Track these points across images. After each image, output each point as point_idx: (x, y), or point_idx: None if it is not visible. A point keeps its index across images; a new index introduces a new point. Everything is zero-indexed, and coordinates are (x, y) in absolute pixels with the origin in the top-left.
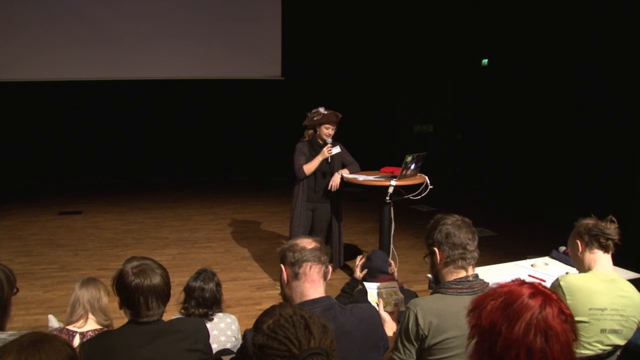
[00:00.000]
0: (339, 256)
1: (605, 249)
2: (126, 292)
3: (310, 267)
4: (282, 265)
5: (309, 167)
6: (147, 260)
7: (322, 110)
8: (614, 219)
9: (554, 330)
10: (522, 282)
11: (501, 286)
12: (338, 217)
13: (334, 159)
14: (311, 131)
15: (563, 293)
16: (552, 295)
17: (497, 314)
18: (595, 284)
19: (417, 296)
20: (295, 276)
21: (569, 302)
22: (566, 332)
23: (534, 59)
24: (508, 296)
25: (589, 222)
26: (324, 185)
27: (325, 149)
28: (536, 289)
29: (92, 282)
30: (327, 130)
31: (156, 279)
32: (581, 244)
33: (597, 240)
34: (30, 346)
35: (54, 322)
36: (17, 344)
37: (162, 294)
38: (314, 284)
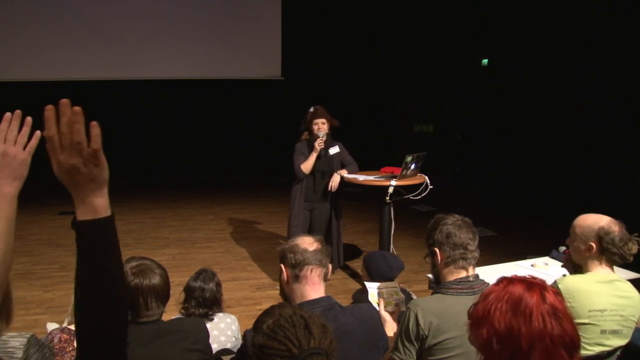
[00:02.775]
0: (339, 256)
1: (612, 264)
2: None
3: (312, 271)
4: (282, 266)
5: (307, 166)
6: (147, 260)
7: (311, 109)
8: (639, 240)
9: (560, 310)
10: (508, 281)
11: (491, 291)
12: (337, 216)
13: (333, 159)
14: (307, 132)
15: (562, 296)
16: (539, 282)
17: (508, 315)
18: (594, 285)
19: (412, 297)
20: (296, 278)
21: (569, 305)
22: (564, 305)
23: (534, 59)
24: (510, 297)
25: (616, 231)
26: (324, 186)
27: (315, 143)
28: (524, 283)
29: None
30: (316, 126)
31: (155, 279)
32: (596, 248)
33: (612, 258)
34: None
35: (52, 326)
36: None
37: (162, 294)
38: (314, 286)
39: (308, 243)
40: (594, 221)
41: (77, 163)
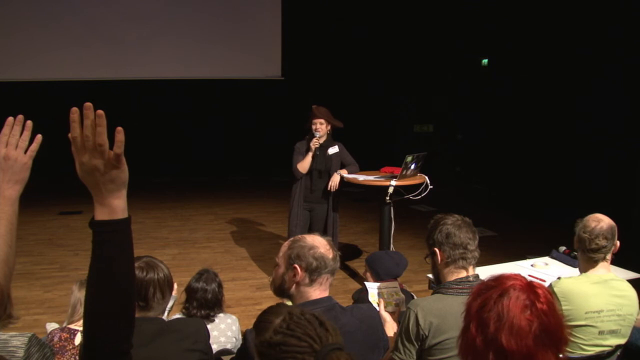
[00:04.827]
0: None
1: (595, 261)
2: (138, 288)
3: (327, 279)
4: (296, 266)
5: (303, 165)
6: (144, 257)
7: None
8: (606, 235)
9: (510, 313)
10: (518, 275)
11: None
12: (334, 217)
13: (332, 159)
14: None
15: (557, 299)
16: (534, 287)
17: (475, 291)
18: (589, 287)
19: (413, 297)
20: (310, 283)
21: (564, 307)
22: (527, 320)
23: (534, 59)
24: (496, 280)
25: (589, 226)
26: (321, 186)
27: (310, 143)
28: (525, 281)
29: None
30: (314, 126)
31: (166, 270)
32: (576, 242)
33: (588, 255)
34: None
35: (52, 326)
36: None
37: (171, 284)
38: (322, 292)
39: (325, 248)
40: (584, 218)
41: (98, 164)
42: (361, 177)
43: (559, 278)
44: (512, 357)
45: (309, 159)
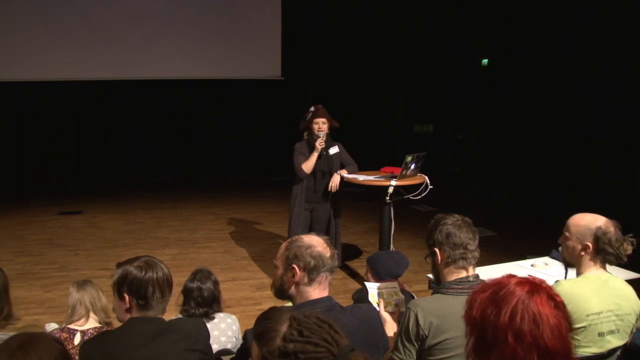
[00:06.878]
0: (338, 256)
1: (605, 264)
2: (137, 287)
3: (326, 277)
4: (294, 266)
5: (308, 165)
6: (143, 257)
7: (311, 109)
8: (634, 241)
9: (542, 314)
10: (511, 275)
11: (490, 280)
12: (336, 217)
13: (333, 159)
14: (307, 132)
15: (563, 310)
16: (541, 284)
17: (485, 303)
18: (588, 289)
19: (413, 297)
20: (309, 282)
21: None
22: (556, 316)
23: (534, 58)
24: (496, 287)
25: (612, 231)
26: (324, 186)
27: (316, 143)
28: (524, 279)
29: (89, 283)
30: (317, 126)
31: (165, 269)
32: (593, 248)
33: (607, 258)
34: (19, 350)
35: (52, 325)
36: (5, 349)
37: (171, 282)
38: (322, 291)
39: (322, 247)
40: (591, 221)
41: None
42: (361, 177)
43: (557, 281)
44: (558, 357)
45: (313, 159)
